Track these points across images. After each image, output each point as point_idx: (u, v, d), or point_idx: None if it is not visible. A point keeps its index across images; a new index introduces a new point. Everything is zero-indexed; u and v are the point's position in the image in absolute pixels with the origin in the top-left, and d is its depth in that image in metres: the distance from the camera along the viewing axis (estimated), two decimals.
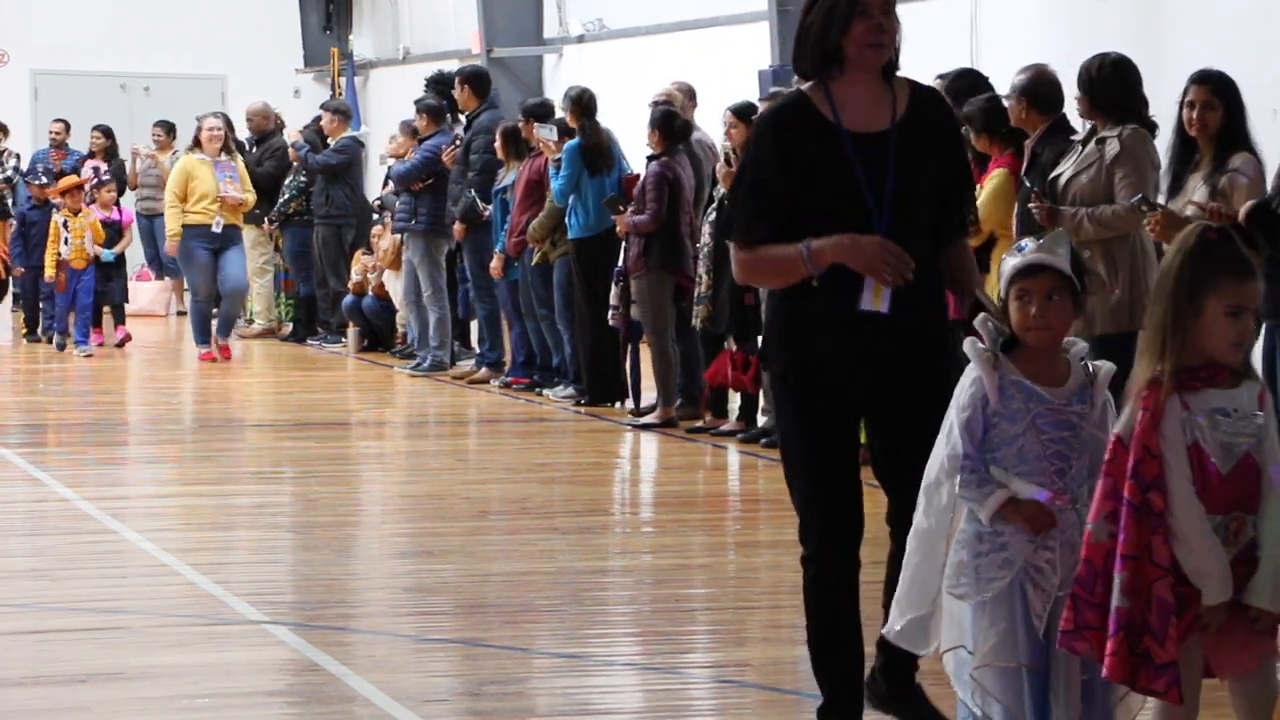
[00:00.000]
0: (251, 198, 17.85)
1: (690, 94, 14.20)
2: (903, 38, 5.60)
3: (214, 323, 17.63)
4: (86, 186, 18.94)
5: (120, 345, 18.41)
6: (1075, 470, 4.98)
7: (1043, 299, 4.99)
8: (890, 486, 5.74)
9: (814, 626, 5.71)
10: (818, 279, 5.45)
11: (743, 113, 12.51)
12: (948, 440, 5.03)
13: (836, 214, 5.46)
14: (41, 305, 19.17)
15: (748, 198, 5.60)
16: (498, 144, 15.07)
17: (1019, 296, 5.01)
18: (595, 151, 13.92)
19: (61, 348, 18.21)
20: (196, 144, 17.67)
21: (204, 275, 17.50)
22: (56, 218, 18.18)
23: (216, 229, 17.35)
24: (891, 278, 5.40)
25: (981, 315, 5.09)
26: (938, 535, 5.10)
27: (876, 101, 5.56)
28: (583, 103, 14.08)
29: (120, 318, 18.75)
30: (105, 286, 18.38)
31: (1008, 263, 5.05)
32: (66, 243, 18.10)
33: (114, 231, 18.62)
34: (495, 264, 14.97)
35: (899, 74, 5.65)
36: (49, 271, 18.19)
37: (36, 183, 19.48)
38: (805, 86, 5.62)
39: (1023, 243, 5.10)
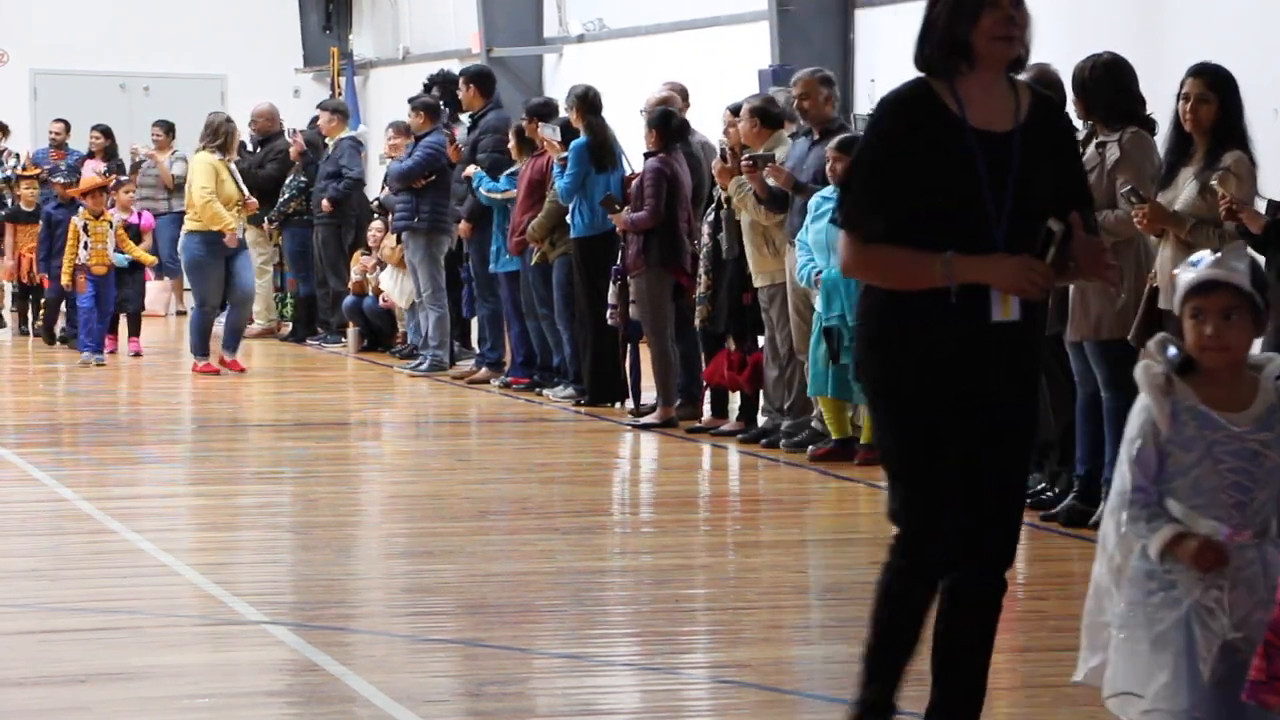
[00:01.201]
0: (254, 201, 17.22)
1: (684, 94, 14.19)
2: (1033, 32, 5.35)
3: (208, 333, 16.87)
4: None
5: (135, 356, 17.84)
6: (1258, 503, 4.58)
7: (1219, 318, 4.57)
8: (975, 514, 5.45)
9: (878, 633, 5.52)
10: (956, 293, 5.22)
11: (739, 111, 12.54)
12: (1117, 473, 4.69)
13: (953, 213, 5.25)
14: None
15: (864, 187, 5.32)
16: (511, 144, 15.06)
17: (1193, 315, 4.60)
18: (602, 149, 13.91)
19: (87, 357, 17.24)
20: (221, 146, 16.60)
21: (216, 285, 16.62)
22: (76, 220, 17.30)
23: (240, 234, 16.66)
24: (1034, 293, 5.24)
25: (1159, 336, 4.69)
26: (1108, 575, 4.74)
27: (1001, 100, 5.33)
28: (588, 100, 14.05)
29: (135, 329, 18.11)
30: (120, 293, 17.64)
31: (1182, 278, 4.66)
32: (86, 247, 17.20)
33: (133, 235, 17.97)
34: (513, 243, 14.83)
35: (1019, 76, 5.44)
36: (64, 277, 17.34)
37: (60, 181, 18.96)
38: (929, 78, 5.36)
39: (1197, 257, 4.70)
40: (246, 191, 16.76)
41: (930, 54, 5.33)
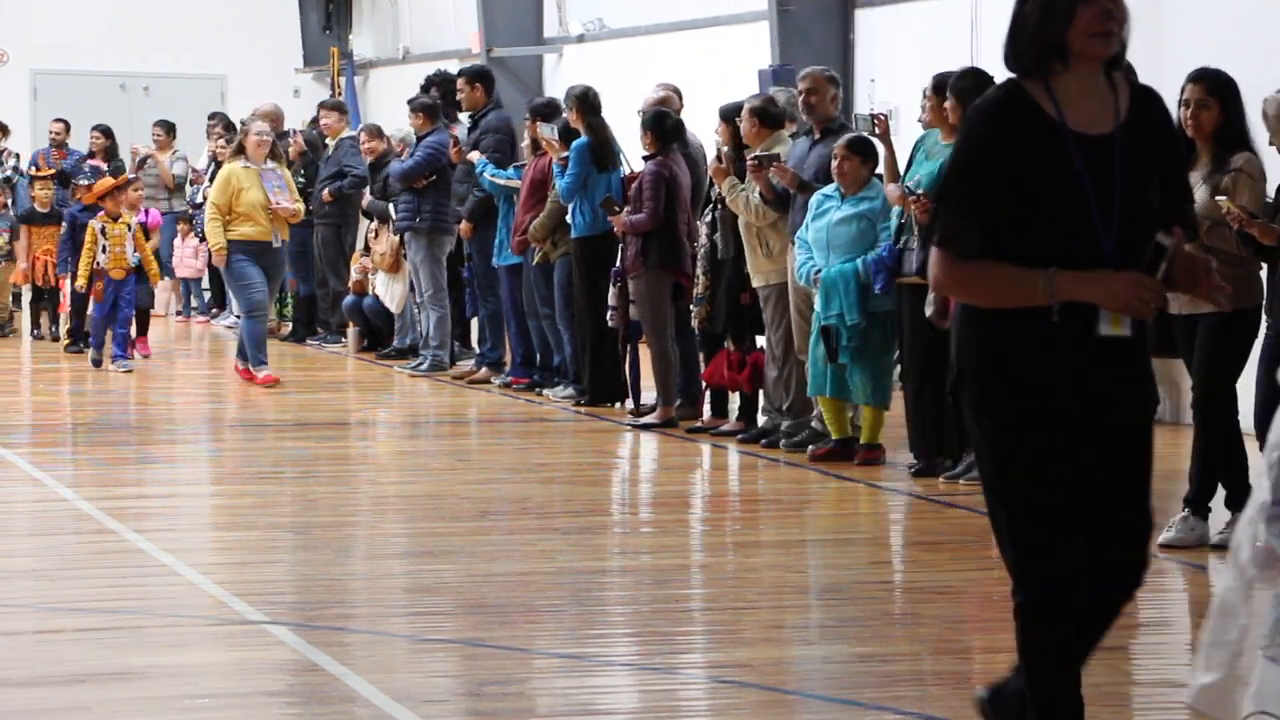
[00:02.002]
0: (301, 207, 16.34)
1: (679, 95, 14.17)
2: (1131, 28, 5.02)
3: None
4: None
5: (143, 358, 17.67)
6: None
7: None
8: (1093, 537, 5.08)
9: (1035, 683, 5.12)
10: (1058, 312, 4.88)
11: (729, 116, 12.56)
12: (1257, 483, 4.53)
13: (1056, 225, 4.91)
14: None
15: (958, 200, 4.98)
16: (524, 143, 15.08)
17: None
18: (604, 149, 13.91)
19: (98, 364, 16.87)
20: (240, 151, 16.04)
21: (260, 289, 15.84)
22: (94, 223, 16.81)
23: (277, 244, 15.79)
24: (1147, 313, 4.91)
25: None
26: (1238, 590, 4.59)
27: (1100, 100, 4.97)
28: (589, 100, 14.05)
29: (144, 328, 17.81)
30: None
31: None
32: (105, 250, 16.70)
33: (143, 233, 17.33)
34: (515, 242, 14.83)
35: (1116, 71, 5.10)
36: (80, 280, 16.90)
37: (83, 183, 18.57)
38: (1022, 79, 5.01)
39: None
40: (286, 201, 15.82)
41: (1021, 53, 4.99)
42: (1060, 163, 4.89)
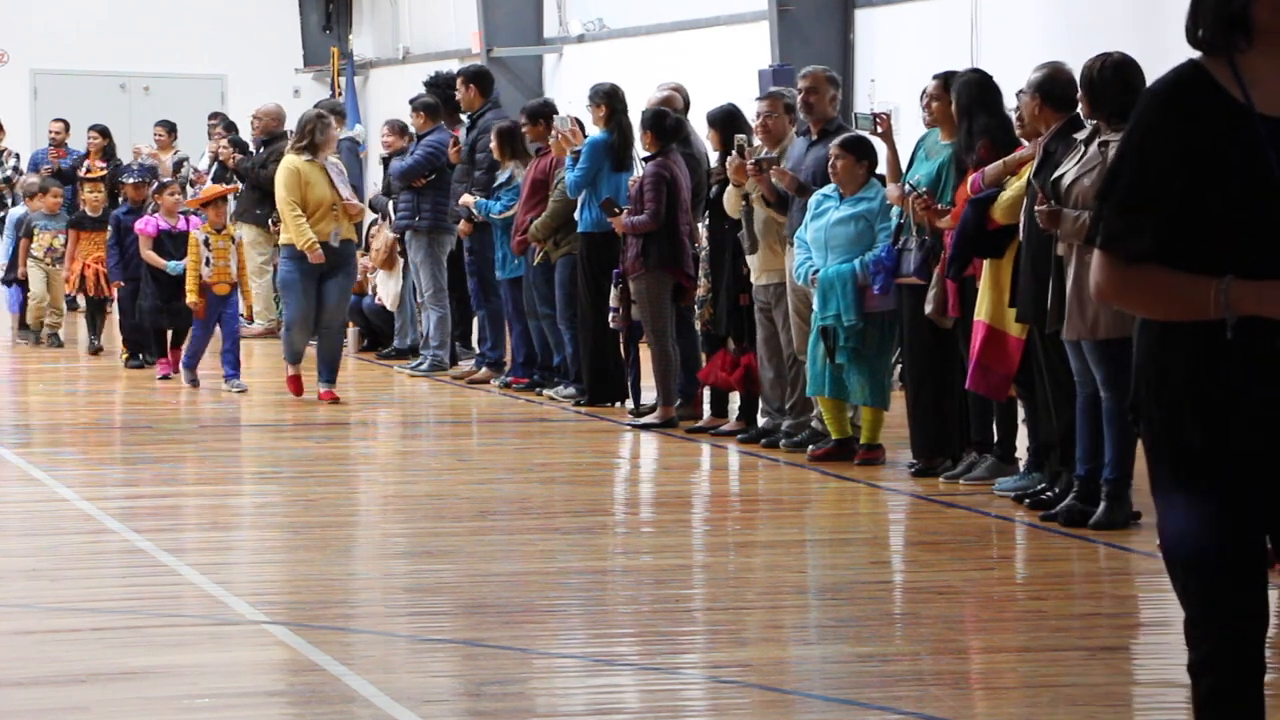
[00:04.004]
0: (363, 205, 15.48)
1: (684, 95, 14.15)
2: None
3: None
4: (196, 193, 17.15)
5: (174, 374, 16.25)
6: None
7: None
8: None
9: None
10: (1233, 327, 4.22)
11: (716, 121, 12.55)
12: None
13: (1241, 224, 4.26)
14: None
15: (1128, 196, 4.34)
16: (493, 144, 15.07)
17: None
18: (625, 149, 13.86)
19: (195, 384, 15.47)
20: (309, 147, 14.71)
21: (307, 303, 14.64)
22: (196, 234, 15.48)
23: (334, 242, 14.58)
24: None
25: None
26: None
27: None
28: (619, 97, 13.99)
29: (181, 339, 16.16)
30: (178, 304, 15.81)
31: None
32: (209, 263, 15.33)
33: (180, 240, 16.02)
34: (515, 242, 14.82)
35: None
36: (191, 297, 15.33)
37: (131, 181, 17.22)
38: (1203, 58, 4.41)
39: None
40: (348, 194, 14.82)
41: (1202, 29, 4.38)
42: (1246, 151, 4.28)
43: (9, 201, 20.45)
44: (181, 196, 17.07)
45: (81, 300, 18.60)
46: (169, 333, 16.27)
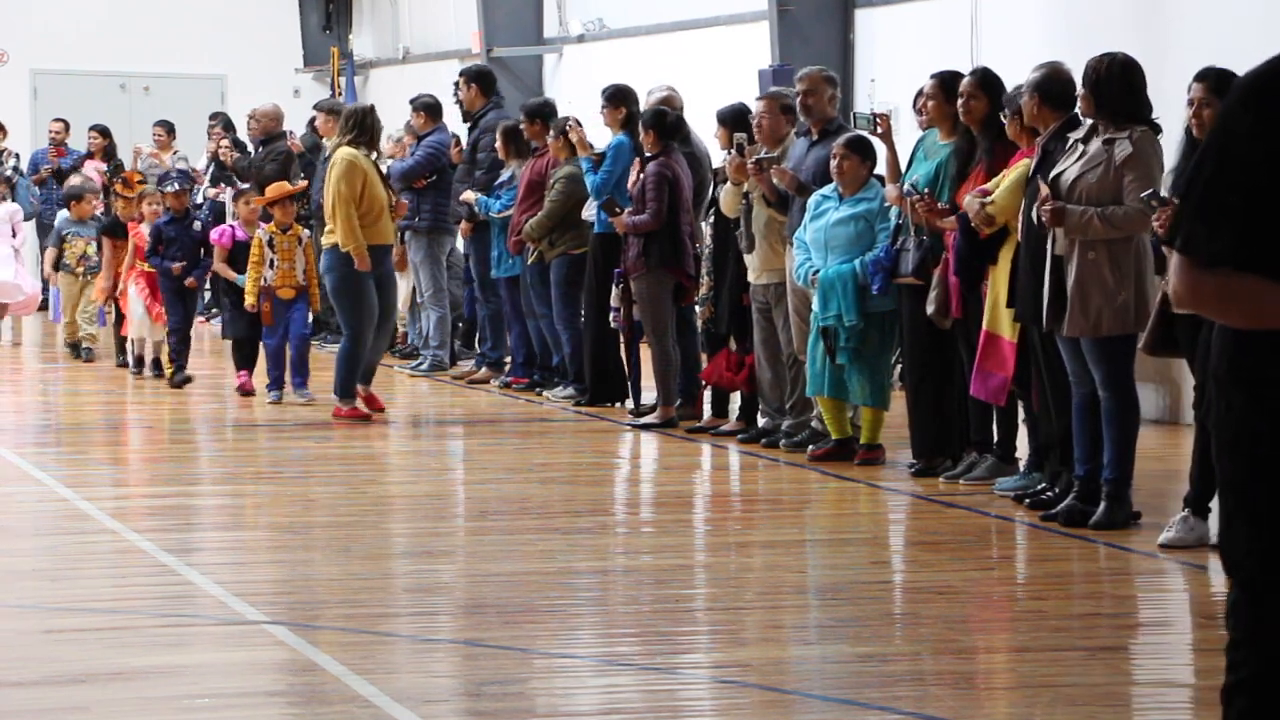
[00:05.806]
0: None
1: (678, 97, 14.12)
2: None
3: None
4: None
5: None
6: None
7: None
8: None
9: None
10: None
11: (726, 119, 12.53)
12: None
13: None
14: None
15: (1211, 196, 4.08)
16: (498, 143, 15.08)
17: None
18: (636, 148, 13.82)
19: (278, 399, 14.60)
20: (362, 140, 13.72)
21: (370, 310, 13.62)
22: (260, 234, 14.57)
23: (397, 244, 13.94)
24: None
25: None
26: None
27: None
28: (633, 98, 13.85)
29: (252, 360, 15.09)
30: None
31: None
32: (273, 266, 14.48)
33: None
34: (511, 242, 14.81)
35: None
36: (250, 300, 14.48)
37: (171, 190, 15.89)
38: None
39: None
40: (394, 194, 14.18)
41: None
42: None
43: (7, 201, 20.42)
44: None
45: (110, 313, 17.24)
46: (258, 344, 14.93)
